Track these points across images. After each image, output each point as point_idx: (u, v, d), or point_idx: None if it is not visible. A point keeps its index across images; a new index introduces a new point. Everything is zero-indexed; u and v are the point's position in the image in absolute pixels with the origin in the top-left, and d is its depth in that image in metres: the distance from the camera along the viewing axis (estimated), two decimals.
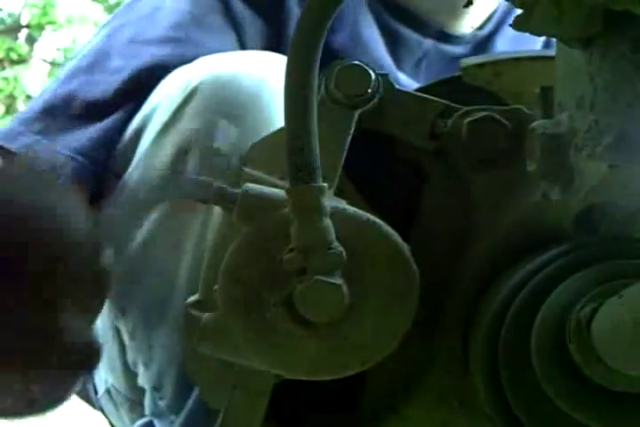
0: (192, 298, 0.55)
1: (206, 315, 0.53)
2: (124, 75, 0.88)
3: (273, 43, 0.96)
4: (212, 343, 0.52)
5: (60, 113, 0.88)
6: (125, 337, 0.88)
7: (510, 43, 1.00)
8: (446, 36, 1.02)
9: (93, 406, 1.03)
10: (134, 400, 0.93)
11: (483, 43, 1.04)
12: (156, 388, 0.86)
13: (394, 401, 0.59)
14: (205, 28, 0.93)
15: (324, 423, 0.61)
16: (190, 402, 0.81)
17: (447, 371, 0.58)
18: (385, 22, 1.01)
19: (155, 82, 0.85)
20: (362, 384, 0.59)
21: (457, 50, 1.02)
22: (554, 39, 0.47)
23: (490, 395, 0.53)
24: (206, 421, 0.66)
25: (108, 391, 0.97)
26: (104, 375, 0.98)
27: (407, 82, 0.97)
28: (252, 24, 0.96)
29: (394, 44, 1.01)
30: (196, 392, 0.80)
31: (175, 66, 0.85)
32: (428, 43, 1.01)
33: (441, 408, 0.58)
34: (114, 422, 1.00)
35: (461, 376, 0.57)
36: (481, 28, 1.03)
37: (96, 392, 1.00)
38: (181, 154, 0.78)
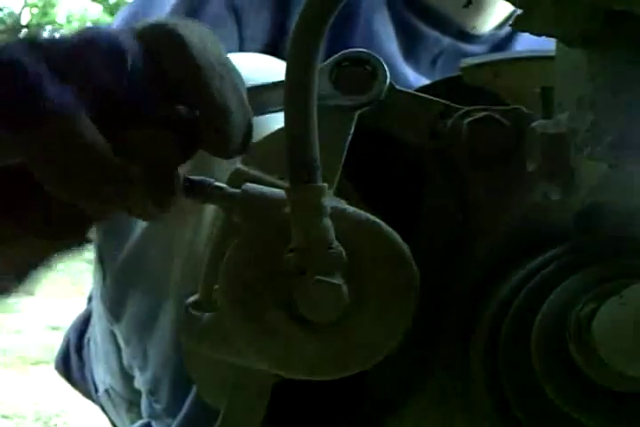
0: (192, 298, 0.55)
1: (206, 315, 0.53)
2: None
3: (274, 35, 0.95)
4: (211, 343, 0.52)
5: None
6: (121, 341, 0.88)
7: (530, 44, 1.00)
8: (465, 35, 1.02)
9: (94, 402, 1.03)
10: (132, 402, 0.93)
11: (501, 43, 1.04)
12: (152, 392, 0.86)
13: (394, 402, 0.59)
14: (204, 20, 0.93)
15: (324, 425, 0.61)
16: (186, 406, 0.81)
17: (447, 371, 0.58)
18: (403, 19, 1.01)
19: None
20: (361, 386, 0.59)
21: (475, 49, 1.02)
22: None
23: (490, 395, 0.53)
24: (203, 424, 0.66)
25: (106, 391, 0.97)
26: (102, 375, 0.98)
27: (415, 79, 0.97)
28: (255, 15, 0.95)
29: (410, 40, 1.01)
30: (192, 396, 0.81)
31: None
32: (447, 41, 1.01)
33: (441, 409, 0.58)
34: (114, 420, 1.00)
35: (461, 377, 0.57)
36: (500, 27, 1.03)
37: (96, 390, 1.00)
38: None
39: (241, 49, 0.94)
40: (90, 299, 1.03)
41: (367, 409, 0.60)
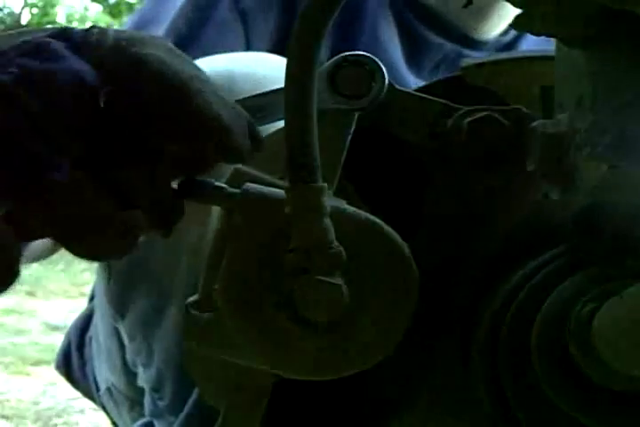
0: (192, 298, 0.55)
1: (206, 315, 0.53)
2: None
3: (281, 35, 0.95)
4: (212, 343, 0.52)
5: None
6: (125, 338, 0.88)
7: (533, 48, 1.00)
8: (469, 41, 1.02)
9: (95, 401, 1.03)
10: (134, 400, 0.93)
11: (505, 49, 1.04)
12: (155, 389, 0.86)
13: (394, 402, 0.59)
14: (212, 23, 0.93)
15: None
16: (189, 404, 0.81)
17: (447, 371, 0.58)
18: (408, 24, 1.01)
19: None
20: (362, 386, 0.59)
21: (479, 55, 1.01)
22: None
23: (490, 395, 0.53)
24: (205, 423, 0.66)
25: (108, 390, 0.97)
26: (105, 374, 0.98)
27: (417, 84, 0.97)
28: (262, 16, 0.95)
29: (414, 46, 1.01)
30: (194, 394, 0.80)
31: None
32: (450, 46, 1.01)
33: (441, 409, 0.58)
34: (115, 420, 1.00)
35: (462, 377, 0.57)
36: (504, 33, 1.03)
37: (98, 389, 1.00)
38: None
39: (248, 50, 0.94)
40: (92, 297, 1.03)
41: (368, 409, 0.60)
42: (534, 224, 0.56)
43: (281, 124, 0.48)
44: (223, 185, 0.50)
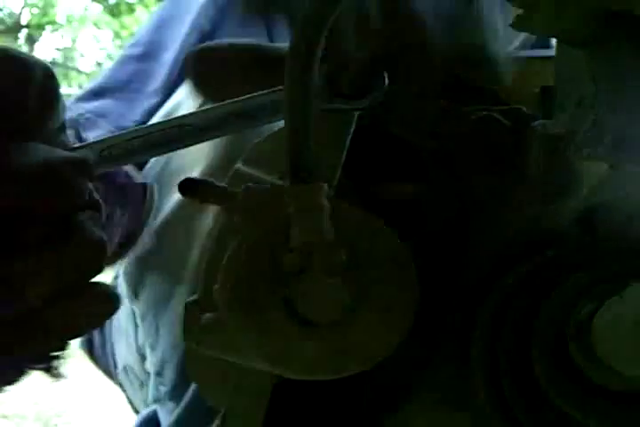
0: (192, 297, 0.55)
1: (206, 315, 0.53)
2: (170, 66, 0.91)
3: None
4: (211, 343, 0.52)
5: (110, 96, 0.90)
6: (138, 319, 0.89)
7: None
8: None
9: (112, 378, 1.04)
10: (143, 383, 0.94)
11: None
12: (159, 373, 0.86)
13: (394, 402, 0.59)
14: (235, 21, 0.94)
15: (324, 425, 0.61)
16: (189, 395, 0.82)
17: (447, 371, 0.58)
18: None
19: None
20: (361, 386, 0.59)
21: None
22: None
23: (490, 395, 0.53)
24: (204, 416, 0.67)
25: (124, 369, 0.98)
26: (122, 352, 0.99)
27: None
28: (283, 15, 0.96)
29: None
30: (194, 386, 0.81)
31: None
32: None
33: (441, 409, 0.58)
34: (131, 398, 1.01)
35: (462, 377, 0.57)
36: None
37: (116, 367, 1.01)
38: None
39: None
40: (116, 276, 1.04)
41: (367, 409, 0.60)
42: (534, 224, 0.56)
43: (282, 123, 0.48)
44: (223, 185, 0.50)
